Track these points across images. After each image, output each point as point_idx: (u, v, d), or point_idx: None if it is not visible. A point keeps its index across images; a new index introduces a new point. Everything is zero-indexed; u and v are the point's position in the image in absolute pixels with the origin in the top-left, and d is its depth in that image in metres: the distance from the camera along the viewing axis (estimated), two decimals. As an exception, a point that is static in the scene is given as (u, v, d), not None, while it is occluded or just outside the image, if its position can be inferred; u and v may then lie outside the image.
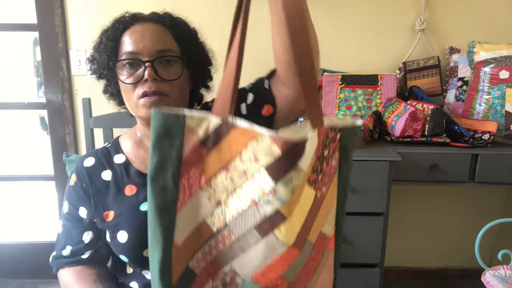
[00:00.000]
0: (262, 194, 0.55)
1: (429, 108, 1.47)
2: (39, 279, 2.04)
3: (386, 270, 2.06)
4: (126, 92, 0.77)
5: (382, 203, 1.38)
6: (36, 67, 1.98)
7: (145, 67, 0.73)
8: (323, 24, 1.79)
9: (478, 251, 1.42)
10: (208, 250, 0.60)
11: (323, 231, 0.64)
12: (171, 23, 0.79)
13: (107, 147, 0.87)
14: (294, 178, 0.54)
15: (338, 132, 0.61)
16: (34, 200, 2.16)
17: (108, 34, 0.78)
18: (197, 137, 0.56)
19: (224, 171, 0.57)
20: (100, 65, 0.80)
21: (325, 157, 0.61)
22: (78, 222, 0.83)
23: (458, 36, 1.79)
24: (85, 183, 0.82)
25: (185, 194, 0.57)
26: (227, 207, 0.58)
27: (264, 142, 0.54)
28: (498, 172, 1.45)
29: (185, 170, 0.57)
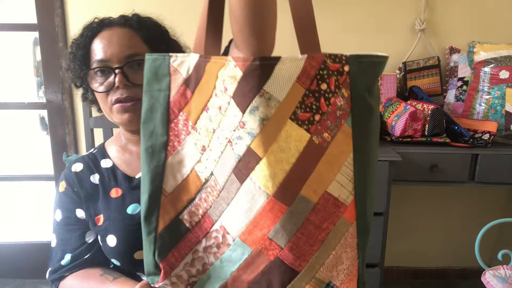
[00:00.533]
0: (233, 129, 0.50)
1: (429, 108, 1.47)
2: (39, 279, 2.04)
3: (386, 270, 2.05)
4: (100, 101, 0.77)
5: (382, 203, 1.38)
6: (36, 67, 1.98)
7: (115, 74, 0.72)
8: (323, 24, 1.79)
9: (478, 251, 1.42)
10: (199, 203, 0.57)
11: (331, 191, 0.52)
12: (138, 25, 0.78)
13: (93, 153, 0.87)
14: (261, 106, 0.48)
15: (345, 63, 0.50)
16: (34, 200, 2.15)
17: (78, 43, 0.78)
18: (182, 77, 0.55)
19: (205, 111, 0.54)
20: (74, 75, 0.80)
21: (322, 92, 0.50)
22: (77, 225, 0.81)
23: (458, 36, 1.79)
24: (76, 187, 0.81)
25: (175, 140, 0.57)
26: (210, 152, 0.54)
27: (229, 66, 0.49)
28: (498, 172, 1.45)
29: (174, 115, 0.56)
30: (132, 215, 0.77)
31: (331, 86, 0.50)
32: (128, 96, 0.74)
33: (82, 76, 0.78)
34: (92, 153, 0.87)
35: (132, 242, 0.75)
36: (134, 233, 0.73)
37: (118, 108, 0.74)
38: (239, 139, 0.50)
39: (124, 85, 0.73)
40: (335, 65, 0.50)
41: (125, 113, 0.75)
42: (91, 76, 0.77)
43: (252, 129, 0.48)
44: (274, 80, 0.47)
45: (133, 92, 0.74)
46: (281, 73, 0.48)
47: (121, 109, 0.74)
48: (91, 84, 0.76)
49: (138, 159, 0.83)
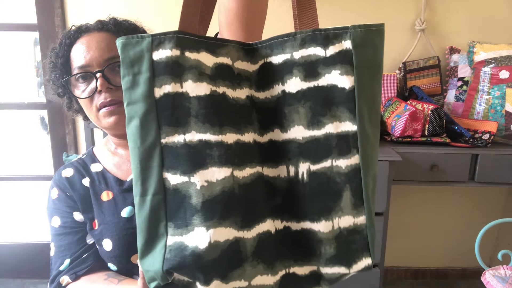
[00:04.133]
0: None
1: (429, 108, 1.47)
2: (39, 279, 2.04)
3: (386, 270, 2.06)
4: (85, 107, 0.77)
5: (382, 203, 1.38)
6: (36, 67, 1.98)
7: (97, 78, 0.72)
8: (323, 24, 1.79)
9: (478, 251, 1.42)
10: None
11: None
12: (116, 28, 0.78)
13: (82, 158, 0.86)
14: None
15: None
16: (34, 200, 2.16)
17: (56, 52, 0.77)
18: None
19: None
20: (56, 84, 0.79)
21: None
22: (76, 228, 0.80)
23: (458, 36, 1.79)
24: (68, 192, 0.81)
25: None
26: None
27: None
28: (498, 172, 1.45)
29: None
30: (129, 218, 0.76)
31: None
32: (112, 100, 0.73)
33: (63, 85, 0.77)
34: (81, 158, 0.86)
35: (128, 245, 0.74)
36: (130, 237, 0.73)
37: (105, 112, 0.74)
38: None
39: (106, 88, 0.72)
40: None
41: (112, 116, 0.74)
42: (73, 83, 0.76)
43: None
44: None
45: (117, 95, 0.73)
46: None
47: (107, 113, 0.74)
48: (74, 92, 0.76)
49: (128, 162, 0.82)
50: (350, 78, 0.51)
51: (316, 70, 0.52)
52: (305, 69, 0.52)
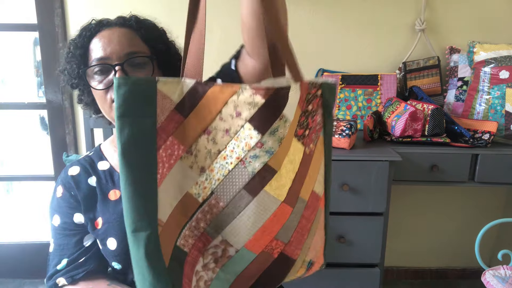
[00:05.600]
0: (248, 149, 0.53)
1: (429, 108, 1.47)
2: (39, 279, 2.04)
3: (386, 270, 2.06)
4: (99, 99, 0.77)
5: (382, 203, 1.38)
6: (36, 67, 1.98)
7: (115, 71, 0.73)
8: (323, 24, 1.79)
9: (478, 251, 1.42)
10: (195, 224, 0.56)
11: (315, 190, 0.64)
12: (137, 25, 0.79)
13: (89, 155, 0.86)
14: (281, 127, 0.53)
15: (319, 88, 0.62)
16: (34, 200, 2.15)
17: (76, 43, 0.78)
18: (172, 102, 0.52)
19: (205, 134, 0.54)
20: (71, 75, 0.80)
21: (310, 112, 0.60)
22: (75, 230, 0.80)
23: (458, 36, 1.79)
24: (73, 191, 0.81)
25: (164, 166, 0.52)
26: (212, 172, 0.55)
27: (245, 94, 0.52)
28: (498, 172, 1.45)
29: (162, 141, 0.52)
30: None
31: (314, 106, 0.61)
32: None
33: (80, 75, 0.78)
34: (89, 155, 0.86)
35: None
36: None
37: None
38: (255, 158, 0.54)
39: None
40: (313, 90, 0.61)
41: None
42: (89, 75, 0.77)
43: (271, 147, 0.53)
44: (289, 105, 0.54)
45: None
46: (291, 99, 0.54)
47: None
48: (90, 83, 0.76)
49: None
50: None
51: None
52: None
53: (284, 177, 0.56)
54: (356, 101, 1.74)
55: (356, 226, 1.41)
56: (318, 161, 0.64)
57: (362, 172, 1.36)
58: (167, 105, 0.52)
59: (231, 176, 0.54)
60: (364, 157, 1.36)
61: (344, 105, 1.75)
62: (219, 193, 0.55)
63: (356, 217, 1.41)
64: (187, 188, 0.55)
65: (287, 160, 0.56)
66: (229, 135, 0.54)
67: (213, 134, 0.54)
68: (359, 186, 1.37)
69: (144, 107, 0.50)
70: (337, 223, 1.41)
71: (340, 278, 1.45)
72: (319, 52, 1.81)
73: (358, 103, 1.74)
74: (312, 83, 0.60)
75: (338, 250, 1.42)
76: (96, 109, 0.83)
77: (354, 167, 1.36)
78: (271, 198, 0.55)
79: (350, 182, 1.37)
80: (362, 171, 1.36)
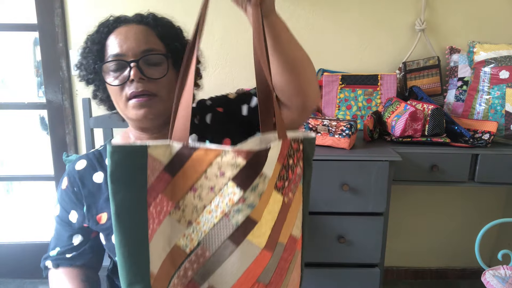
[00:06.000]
0: (232, 204, 0.59)
1: (429, 108, 1.47)
2: (39, 279, 2.04)
3: (386, 270, 2.06)
4: (114, 95, 0.77)
5: (382, 203, 1.38)
6: (36, 67, 1.98)
7: (131, 68, 0.73)
8: (323, 24, 1.79)
9: (478, 251, 1.42)
10: (183, 273, 0.61)
11: (293, 233, 0.69)
12: (154, 23, 0.79)
13: (99, 150, 0.87)
14: (260, 183, 0.60)
15: (301, 143, 0.68)
16: (34, 200, 2.15)
17: (93, 38, 0.78)
18: (161, 164, 0.58)
19: (192, 191, 0.60)
20: (87, 70, 0.80)
21: (290, 165, 0.66)
22: (68, 226, 0.84)
23: (458, 36, 1.80)
24: (77, 187, 0.82)
25: (154, 222, 0.58)
26: (198, 225, 0.60)
27: (228, 156, 0.58)
28: (498, 172, 1.45)
29: (152, 198, 0.57)
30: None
31: (294, 160, 0.67)
32: (144, 90, 0.74)
33: (95, 71, 0.78)
34: (98, 150, 0.87)
35: None
36: None
37: (134, 104, 0.74)
38: (238, 212, 0.60)
39: (139, 79, 0.73)
40: (295, 144, 0.67)
41: (141, 108, 0.75)
42: (104, 71, 0.77)
43: (252, 202, 0.59)
44: (268, 163, 0.60)
45: (148, 86, 0.74)
46: (271, 157, 0.60)
47: (137, 104, 0.74)
48: (105, 79, 0.77)
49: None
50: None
51: None
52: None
53: (264, 226, 0.61)
54: (356, 101, 1.74)
55: (356, 226, 1.41)
56: (296, 207, 0.69)
57: (362, 172, 1.36)
58: (156, 166, 0.57)
59: (217, 228, 0.60)
60: (364, 157, 1.36)
61: (344, 105, 1.75)
62: (206, 244, 0.60)
63: (356, 217, 1.41)
64: (175, 240, 0.60)
65: (266, 211, 0.62)
66: (214, 192, 0.59)
67: (199, 191, 0.60)
68: (359, 186, 1.37)
69: (136, 171, 0.56)
70: (337, 223, 1.41)
71: (340, 278, 1.45)
72: (319, 52, 1.81)
73: (358, 103, 1.74)
74: (294, 138, 0.66)
75: (338, 250, 1.42)
76: (111, 105, 0.84)
77: (354, 167, 1.36)
78: (253, 246, 0.61)
79: (350, 182, 1.37)
80: (362, 171, 1.36)
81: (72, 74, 1.83)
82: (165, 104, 0.77)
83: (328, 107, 1.76)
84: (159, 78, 0.75)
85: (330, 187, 1.37)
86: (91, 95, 0.85)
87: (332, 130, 1.42)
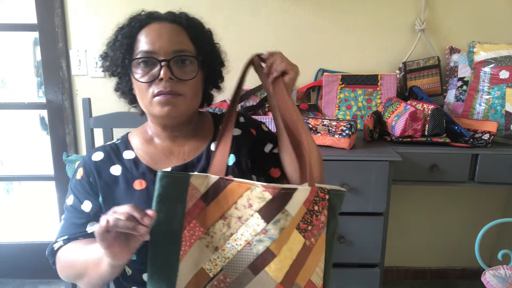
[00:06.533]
0: (255, 234, 0.66)
1: (429, 108, 1.47)
2: (39, 279, 2.04)
3: (386, 270, 2.05)
4: (140, 90, 0.77)
5: (382, 203, 1.38)
6: (36, 67, 1.98)
7: (161, 66, 0.73)
8: (324, 24, 1.79)
9: (478, 251, 1.42)
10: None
11: (312, 279, 0.72)
12: (187, 23, 0.79)
13: (116, 143, 0.86)
14: (282, 219, 0.65)
15: (327, 193, 0.73)
16: (34, 200, 2.15)
17: (124, 32, 0.78)
18: (199, 192, 0.67)
19: (222, 220, 0.67)
20: (114, 63, 0.80)
21: (315, 211, 0.71)
22: (81, 214, 0.82)
23: (458, 36, 1.79)
24: (92, 177, 0.81)
25: (186, 244, 0.66)
26: (223, 252, 0.67)
27: (257, 190, 0.66)
28: (498, 172, 1.45)
29: (187, 223, 0.66)
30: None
31: (319, 207, 0.72)
32: (171, 91, 0.74)
33: (124, 64, 0.78)
34: (115, 143, 0.86)
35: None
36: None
37: (160, 100, 0.75)
38: (260, 242, 0.66)
39: (168, 78, 0.73)
40: (322, 194, 0.72)
41: (166, 105, 0.75)
42: (133, 65, 0.77)
43: (273, 235, 0.65)
44: (292, 203, 0.66)
45: (175, 87, 0.74)
46: (296, 198, 0.67)
47: (163, 101, 0.74)
48: (134, 74, 0.76)
49: (163, 154, 0.83)
50: None
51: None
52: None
53: (282, 262, 0.66)
54: (356, 101, 1.74)
55: (356, 226, 1.41)
56: (318, 255, 0.73)
57: (362, 172, 1.36)
58: (195, 194, 0.67)
59: (239, 255, 0.67)
60: (364, 157, 1.36)
61: (344, 105, 1.75)
62: (228, 270, 0.67)
63: (356, 217, 1.41)
64: (202, 264, 0.67)
65: (286, 247, 0.67)
66: (241, 221, 0.67)
67: (228, 220, 0.67)
68: (359, 186, 1.37)
69: (179, 196, 0.66)
70: (337, 223, 1.41)
71: (340, 278, 1.45)
72: (319, 52, 1.81)
73: (358, 103, 1.74)
74: (321, 188, 0.72)
75: (338, 250, 1.42)
76: (132, 99, 0.84)
77: (354, 167, 1.36)
78: (270, 279, 0.65)
79: (350, 182, 1.37)
80: (362, 171, 1.36)
81: (72, 74, 1.83)
82: (189, 104, 0.78)
83: (328, 107, 1.76)
84: (189, 79, 0.76)
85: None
86: (114, 87, 0.85)
87: (332, 130, 1.42)
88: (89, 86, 1.84)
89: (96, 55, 1.78)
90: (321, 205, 0.72)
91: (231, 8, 1.77)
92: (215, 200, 0.67)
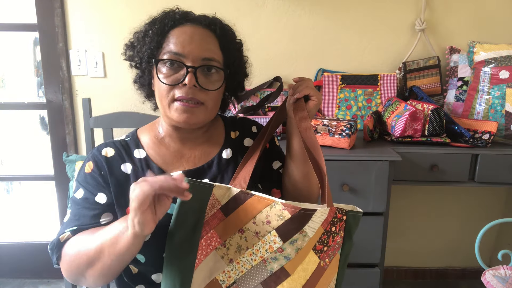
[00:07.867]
0: (271, 251, 0.66)
1: (429, 108, 1.47)
2: (39, 279, 2.04)
3: (386, 270, 2.06)
4: (160, 91, 0.76)
5: (382, 203, 1.38)
6: (36, 67, 1.98)
7: (187, 72, 0.72)
8: (324, 24, 1.79)
9: (478, 251, 1.42)
10: None
11: None
12: (220, 31, 0.78)
13: (126, 140, 0.84)
14: (299, 239, 0.65)
15: (344, 214, 0.74)
16: (34, 200, 2.15)
17: (156, 28, 0.76)
18: (219, 203, 0.68)
19: (239, 233, 0.68)
20: (139, 55, 0.78)
21: (332, 232, 0.71)
22: (95, 205, 0.77)
23: (458, 36, 1.79)
24: (104, 171, 0.78)
25: (202, 253, 0.66)
26: (238, 264, 0.67)
27: (276, 207, 0.66)
28: (498, 172, 1.45)
29: (205, 232, 0.67)
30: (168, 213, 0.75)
31: (337, 228, 0.72)
32: (193, 98, 0.73)
33: (151, 61, 0.77)
34: (125, 140, 0.84)
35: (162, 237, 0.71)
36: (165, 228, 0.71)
37: (180, 106, 0.74)
38: (274, 260, 0.66)
39: (192, 85, 0.72)
40: (339, 215, 0.73)
41: (184, 113, 0.74)
42: (159, 63, 0.76)
43: (289, 254, 0.66)
44: (310, 224, 0.66)
45: (198, 94, 0.74)
46: (315, 219, 0.66)
47: (182, 108, 0.74)
48: (158, 74, 0.75)
49: (174, 156, 0.82)
50: None
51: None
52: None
53: (295, 282, 0.66)
54: (356, 101, 1.74)
55: (356, 226, 1.41)
56: (330, 275, 0.74)
57: (362, 172, 1.36)
58: (215, 204, 0.67)
59: (253, 270, 0.67)
60: (364, 157, 1.36)
61: (344, 105, 1.75)
62: (240, 283, 0.67)
63: (356, 217, 1.41)
64: (215, 274, 0.67)
65: (300, 268, 0.67)
66: (258, 237, 0.67)
67: (246, 234, 0.67)
68: (359, 186, 1.37)
69: (200, 205, 0.66)
70: (337, 223, 1.41)
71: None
72: (319, 52, 1.81)
73: (358, 103, 1.74)
74: (340, 209, 0.73)
75: (338, 250, 1.42)
76: (149, 93, 0.83)
77: (354, 167, 1.36)
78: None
79: (350, 182, 1.37)
80: (362, 171, 1.36)
81: (72, 74, 1.83)
82: (208, 114, 0.77)
83: (328, 107, 1.76)
84: (212, 90, 0.75)
85: (330, 187, 1.37)
86: (134, 78, 0.84)
87: (332, 130, 1.42)
88: (89, 86, 1.84)
89: (96, 55, 1.78)
90: (338, 226, 0.73)
91: (231, 8, 1.77)
92: (234, 212, 0.68)
